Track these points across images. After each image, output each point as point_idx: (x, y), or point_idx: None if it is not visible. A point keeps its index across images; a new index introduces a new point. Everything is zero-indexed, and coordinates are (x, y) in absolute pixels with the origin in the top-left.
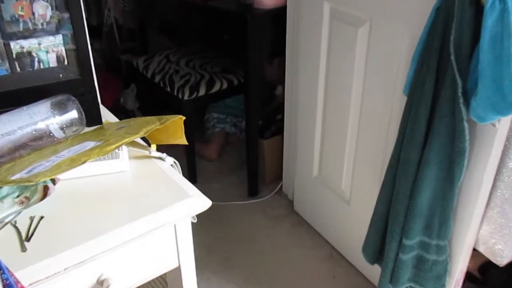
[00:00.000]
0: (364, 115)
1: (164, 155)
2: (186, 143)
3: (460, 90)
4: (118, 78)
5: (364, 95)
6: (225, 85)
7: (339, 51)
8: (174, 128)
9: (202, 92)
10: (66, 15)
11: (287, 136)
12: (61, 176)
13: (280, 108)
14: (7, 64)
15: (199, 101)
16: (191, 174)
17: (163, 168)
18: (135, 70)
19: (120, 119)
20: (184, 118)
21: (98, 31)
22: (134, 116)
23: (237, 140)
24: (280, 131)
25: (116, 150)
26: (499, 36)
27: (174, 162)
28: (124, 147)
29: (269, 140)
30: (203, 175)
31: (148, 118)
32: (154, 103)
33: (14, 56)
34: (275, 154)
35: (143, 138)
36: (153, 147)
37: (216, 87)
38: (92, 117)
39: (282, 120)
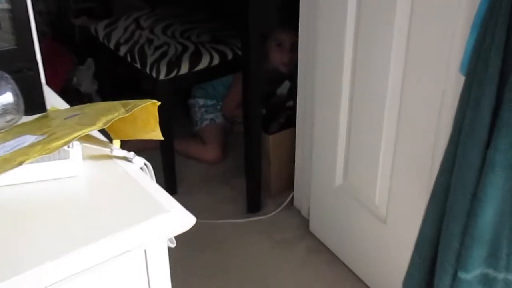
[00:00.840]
0: (405, 104)
1: (131, 154)
2: (161, 138)
3: None
4: (70, 50)
5: (405, 77)
6: (216, 60)
7: (372, 19)
8: (145, 118)
9: (184, 69)
10: None
11: (300, 129)
12: None
13: (290, 95)
14: None
15: (180, 81)
16: (169, 181)
17: (129, 173)
18: (93, 39)
19: (71, 105)
20: (158, 103)
21: None
22: (91, 101)
23: (231, 135)
24: (290, 123)
25: (65, 148)
26: None
27: (145, 164)
28: (76, 142)
29: (276, 136)
30: (186, 183)
31: (109, 103)
32: (119, 84)
33: None
34: (284, 154)
35: (102, 131)
36: (116, 143)
37: (204, 63)
38: (32, 102)
39: (293, 108)
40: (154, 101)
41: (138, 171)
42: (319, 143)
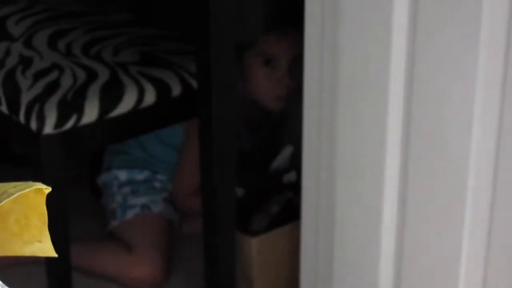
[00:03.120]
0: (503, 169)
1: None
2: (54, 253)
3: None
4: None
5: (502, 125)
6: (149, 96)
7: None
8: (23, 217)
9: (90, 114)
10: None
11: (309, 225)
12: None
13: (291, 163)
14: None
15: (82, 138)
16: None
17: None
18: None
19: None
20: (48, 189)
21: None
22: None
23: (180, 237)
24: (290, 214)
25: None
26: None
27: None
28: None
29: (265, 239)
30: None
31: None
32: None
33: None
34: (279, 270)
35: None
36: None
37: (128, 102)
38: None
39: (296, 186)
40: (40, 185)
41: None
42: (346, 249)
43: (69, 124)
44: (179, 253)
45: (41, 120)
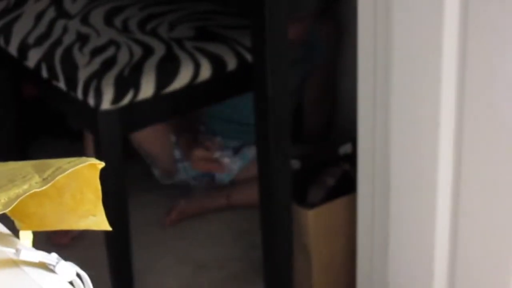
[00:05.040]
0: None
1: (52, 257)
2: (108, 227)
3: None
4: None
5: None
6: (205, 71)
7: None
8: (78, 191)
9: (147, 89)
10: None
11: (365, 197)
12: None
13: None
14: None
15: (139, 113)
16: None
17: None
18: None
19: None
20: (101, 165)
21: None
22: None
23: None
24: (347, 185)
25: None
26: None
27: (78, 276)
28: None
29: (321, 211)
30: None
31: (11, 166)
32: (27, 121)
33: None
34: (336, 242)
35: (1, 217)
36: (26, 237)
37: (183, 77)
38: None
39: (353, 158)
40: (93, 160)
41: None
42: (401, 220)
43: (126, 99)
44: (238, 226)
45: (98, 96)
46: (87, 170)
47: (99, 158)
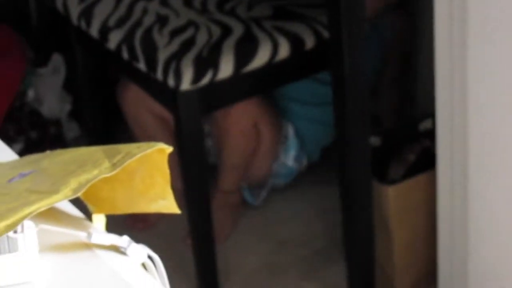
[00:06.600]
0: None
1: (124, 240)
2: (177, 210)
3: None
4: (22, 40)
5: None
6: (283, 50)
7: None
8: (148, 175)
9: (226, 69)
10: None
11: (446, 173)
12: None
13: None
14: None
15: (219, 93)
16: (205, 280)
17: (121, 275)
18: (62, 21)
19: (21, 150)
20: (169, 149)
21: None
22: (60, 132)
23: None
24: (428, 162)
25: (10, 234)
26: None
27: (150, 258)
28: (28, 224)
29: (401, 187)
30: (240, 277)
31: (84, 151)
32: (109, 101)
33: None
34: (417, 220)
35: (74, 201)
36: (98, 220)
37: (262, 56)
38: None
39: (431, 134)
40: (162, 145)
41: (138, 272)
42: (481, 195)
43: (206, 79)
44: (319, 203)
45: (178, 76)
46: (156, 154)
47: (180, 137)
